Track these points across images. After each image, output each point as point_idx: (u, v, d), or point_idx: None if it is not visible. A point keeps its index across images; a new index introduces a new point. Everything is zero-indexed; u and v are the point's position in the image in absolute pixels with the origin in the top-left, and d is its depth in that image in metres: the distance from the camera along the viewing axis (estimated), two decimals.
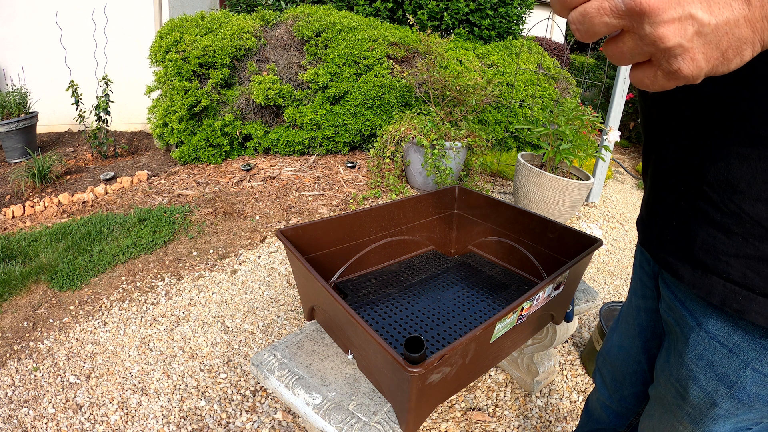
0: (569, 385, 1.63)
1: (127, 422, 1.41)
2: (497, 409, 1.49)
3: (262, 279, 2.15)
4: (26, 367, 1.61)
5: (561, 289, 1.01)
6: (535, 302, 0.91)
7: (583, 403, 1.55)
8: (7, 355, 1.66)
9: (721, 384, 0.53)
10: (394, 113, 3.40)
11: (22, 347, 1.70)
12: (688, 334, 0.55)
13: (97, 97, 3.42)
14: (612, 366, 0.89)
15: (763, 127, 0.44)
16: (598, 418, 0.98)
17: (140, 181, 3.14)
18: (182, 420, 1.43)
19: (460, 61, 3.72)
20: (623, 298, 2.19)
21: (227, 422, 1.42)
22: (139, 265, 2.20)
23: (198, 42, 3.32)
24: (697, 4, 0.29)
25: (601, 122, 2.69)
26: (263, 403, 1.48)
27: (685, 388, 0.57)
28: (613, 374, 0.89)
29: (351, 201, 2.92)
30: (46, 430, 1.38)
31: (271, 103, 3.44)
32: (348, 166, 3.49)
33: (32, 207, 2.73)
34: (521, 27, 4.64)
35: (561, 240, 1.15)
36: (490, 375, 1.62)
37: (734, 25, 0.30)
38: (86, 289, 2.03)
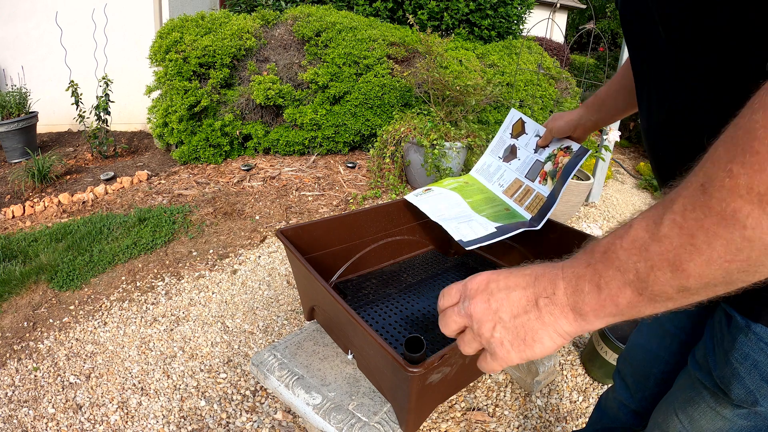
0: (569, 385, 1.63)
1: (127, 422, 1.41)
2: (497, 409, 1.49)
3: (262, 279, 2.15)
4: (26, 367, 1.61)
5: None
6: None
7: (583, 403, 1.55)
8: (7, 355, 1.66)
9: (764, 383, 0.54)
10: (394, 113, 3.40)
11: (22, 347, 1.70)
12: (737, 334, 0.56)
13: (97, 97, 3.42)
14: (634, 367, 0.89)
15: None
16: (614, 417, 0.98)
17: (140, 181, 3.14)
18: (182, 420, 1.43)
19: (460, 61, 3.72)
20: None
21: (227, 422, 1.42)
22: (139, 265, 2.20)
23: (198, 42, 3.32)
24: (505, 310, 0.42)
25: None
26: (263, 403, 1.48)
27: (728, 386, 0.58)
28: (635, 375, 0.89)
29: (351, 201, 2.92)
30: (46, 430, 1.38)
31: (271, 103, 3.44)
32: (348, 166, 3.49)
33: (32, 207, 2.73)
34: (521, 27, 4.64)
35: (561, 240, 1.15)
36: (490, 375, 1.62)
37: (526, 321, 0.41)
38: (86, 289, 2.03)
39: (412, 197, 1.16)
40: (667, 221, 0.34)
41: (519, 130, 1.14)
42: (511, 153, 1.13)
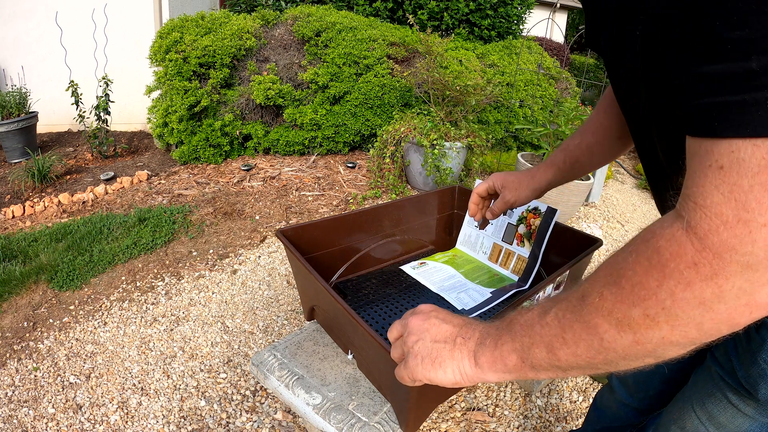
0: (569, 385, 1.63)
1: (127, 422, 1.41)
2: (497, 409, 1.49)
3: (262, 279, 2.15)
4: (26, 367, 1.61)
5: (561, 289, 1.01)
6: (534, 302, 0.91)
7: (583, 403, 1.55)
8: (7, 355, 1.66)
9: None
10: (394, 113, 3.40)
11: (22, 347, 1.70)
12: (766, 335, 0.56)
13: (97, 97, 3.42)
14: None
15: None
16: (614, 416, 0.98)
17: (140, 181, 3.14)
18: (182, 420, 1.43)
19: (460, 61, 3.72)
20: None
21: (227, 422, 1.42)
22: (139, 265, 2.20)
23: (198, 42, 3.32)
24: (431, 332, 0.52)
25: None
26: (263, 403, 1.48)
27: (754, 386, 0.58)
28: (637, 374, 0.88)
29: (351, 201, 2.92)
30: (46, 430, 1.38)
31: (271, 103, 3.44)
32: (348, 166, 3.49)
33: (32, 207, 2.73)
34: (521, 27, 4.64)
35: (561, 240, 1.15)
36: None
37: (441, 348, 0.50)
38: (86, 289, 2.03)
39: (408, 269, 1.22)
40: (552, 313, 0.42)
41: None
42: (484, 220, 1.21)
